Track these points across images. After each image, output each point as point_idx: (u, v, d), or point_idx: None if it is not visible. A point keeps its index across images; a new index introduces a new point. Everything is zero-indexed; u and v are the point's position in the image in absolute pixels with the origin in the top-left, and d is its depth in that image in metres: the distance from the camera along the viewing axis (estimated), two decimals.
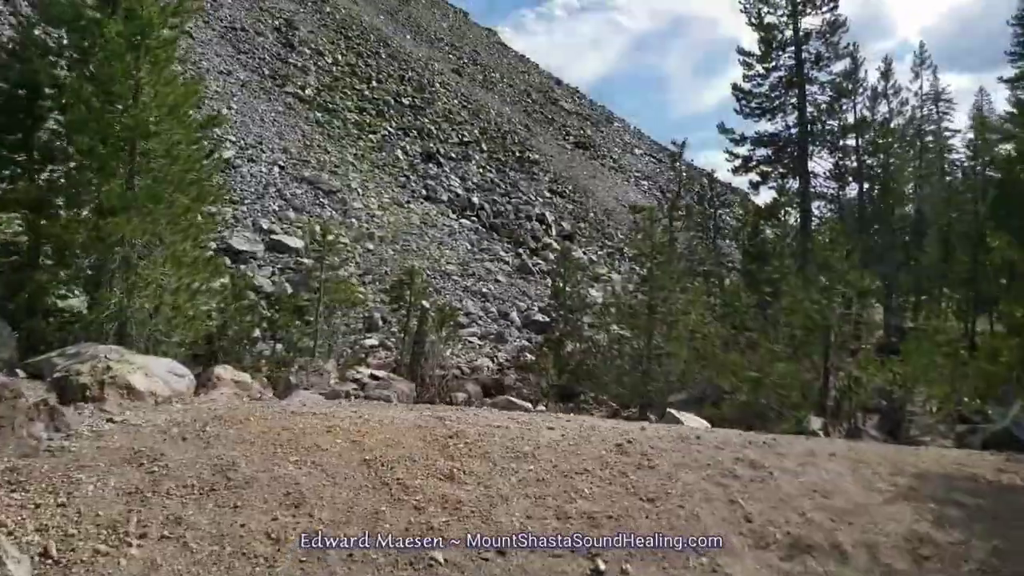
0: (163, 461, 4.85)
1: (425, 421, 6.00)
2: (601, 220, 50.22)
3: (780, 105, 30.70)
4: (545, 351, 20.96)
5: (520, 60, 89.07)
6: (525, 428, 5.99)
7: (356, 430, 5.64)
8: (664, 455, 5.62)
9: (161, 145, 10.59)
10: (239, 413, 5.96)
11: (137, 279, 10.14)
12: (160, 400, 6.57)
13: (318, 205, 33.52)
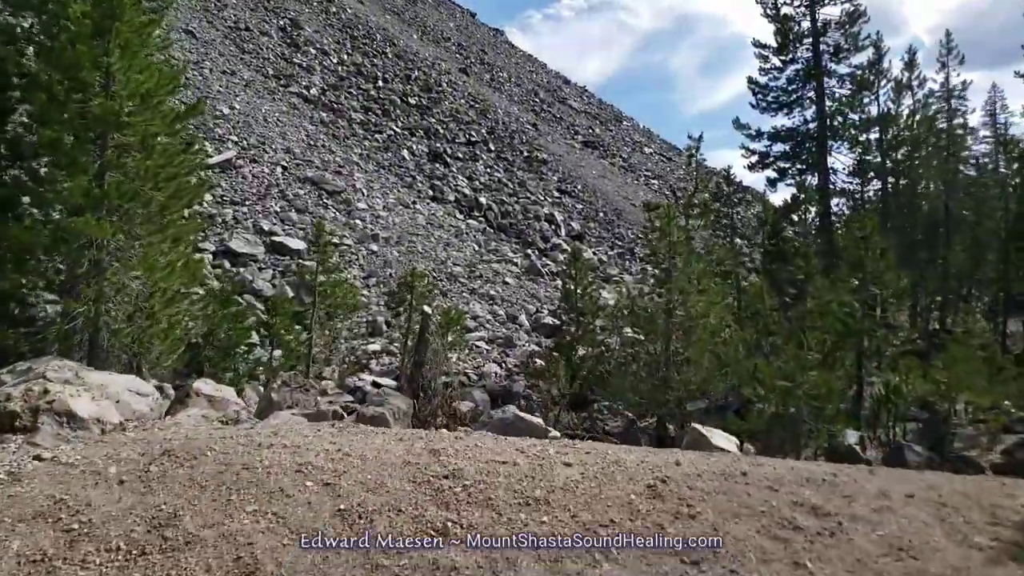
0: (87, 514, 3.91)
1: (416, 455, 5.03)
2: (611, 220, 49.14)
3: (798, 99, 29.60)
4: (555, 356, 19.95)
5: (528, 59, 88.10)
6: (536, 464, 5.01)
7: (332, 469, 4.69)
8: (707, 499, 4.63)
9: (135, 137, 9.65)
10: (197, 445, 5.02)
11: (107, 284, 9.20)
12: (108, 428, 5.64)
13: (321, 206, 32.63)
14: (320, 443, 5.20)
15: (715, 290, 15.41)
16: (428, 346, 11.71)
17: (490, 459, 5.03)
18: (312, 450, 5.01)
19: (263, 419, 7.73)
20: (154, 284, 9.34)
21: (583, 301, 20.57)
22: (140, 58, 9.64)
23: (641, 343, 16.00)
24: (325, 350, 21.20)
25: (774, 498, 4.73)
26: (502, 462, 4.99)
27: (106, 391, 6.41)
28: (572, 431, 16.82)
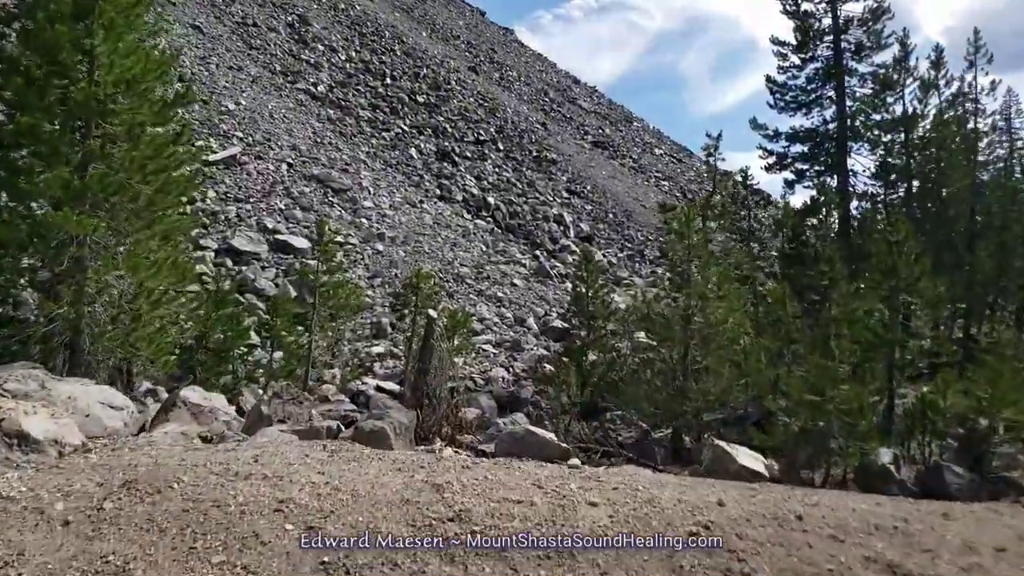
0: (17, 567, 3.22)
1: (417, 490, 4.33)
2: (621, 221, 48.39)
3: (817, 99, 28.73)
4: (566, 362, 19.22)
5: (537, 59, 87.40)
6: (557, 504, 4.29)
7: (318, 507, 4.00)
8: (762, 553, 3.90)
9: (121, 127, 8.98)
10: (163, 474, 4.33)
11: (88, 284, 8.52)
12: (68, 451, 4.96)
13: (327, 204, 32.00)
14: (306, 473, 4.50)
15: (735, 296, 14.65)
16: (433, 352, 10.99)
17: (502, 497, 4.32)
18: (296, 482, 4.31)
19: (251, 434, 7.04)
20: (140, 284, 8.65)
21: (594, 304, 19.82)
22: (127, 41, 8.96)
23: (656, 350, 15.24)
24: (327, 352, 20.54)
25: (841, 551, 4.00)
26: (516, 501, 4.27)
27: (74, 405, 5.73)
28: (583, 441, 16.10)
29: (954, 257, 22.93)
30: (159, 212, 9.04)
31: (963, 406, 11.08)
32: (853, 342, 12.55)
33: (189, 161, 9.95)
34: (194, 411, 8.13)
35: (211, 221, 27.57)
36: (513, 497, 4.34)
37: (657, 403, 14.41)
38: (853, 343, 12.26)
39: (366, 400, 18.65)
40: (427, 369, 11.16)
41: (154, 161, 9.07)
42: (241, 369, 18.39)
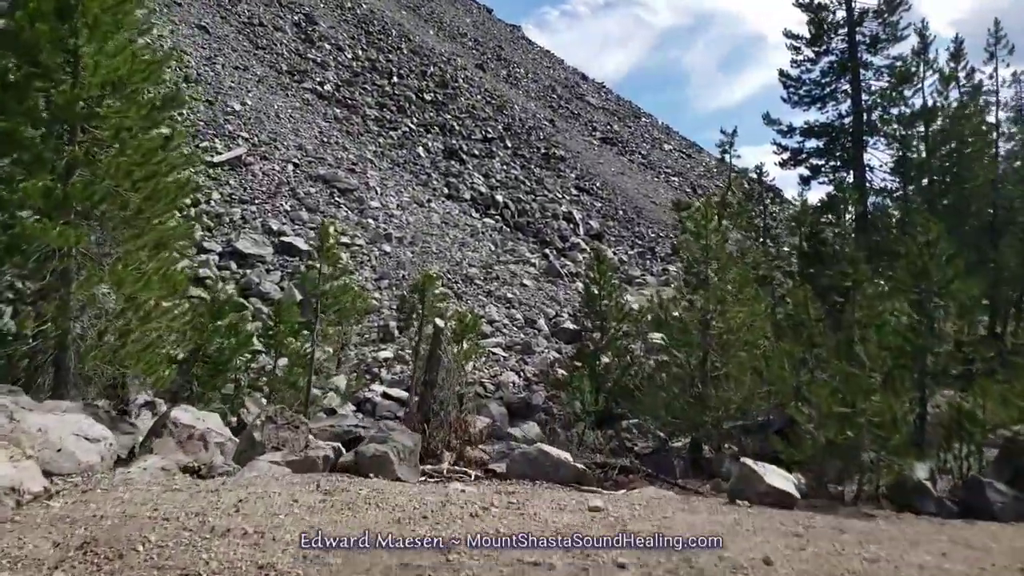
0: None
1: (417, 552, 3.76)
2: (631, 218, 47.70)
3: (832, 92, 28.04)
4: (579, 369, 18.65)
5: (545, 55, 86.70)
6: (580, 568, 3.73)
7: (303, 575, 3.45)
8: None
9: (109, 131, 8.46)
10: (129, 532, 3.81)
11: (73, 298, 8.01)
12: (27, 499, 4.43)
13: (333, 205, 31.51)
14: (293, 527, 3.96)
15: (754, 299, 14.03)
16: (440, 363, 10.44)
17: (516, 559, 3.76)
18: (280, 540, 3.77)
19: (243, 463, 6.51)
20: (128, 298, 8.13)
21: (606, 306, 19.22)
22: (115, 40, 8.43)
23: (672, 355, 14.64)
24: (333, 359, 20.04)
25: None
26: (533, 563, 3.72)
27: (45, 439, 5.22)
28: (599, 450, 15.54)
29: (976, 254, 22.18)
30: (149, 220, 8.52)
31: (1002, 416, 10.45)
32: (881, 348, 11.90)
33: (182, 166, 9.41)
34: (183, 435, 7.61)
35: (215, 223, 27.15)
36: (529, 559, 3.78)
37: (675, 412, 13.83)
38: (881, 349, 11.61)
39: (372, 408, 18.16)
40: (434, 381, 10.62)
41: (143, 167, 8.55)
42: (244, 377, 17.93)
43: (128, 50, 8.14)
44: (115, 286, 7.72)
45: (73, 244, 7.71)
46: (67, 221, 8.19)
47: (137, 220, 8.53)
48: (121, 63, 8.22)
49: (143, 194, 8.32)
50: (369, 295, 24.31)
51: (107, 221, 8.69)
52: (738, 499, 8.69)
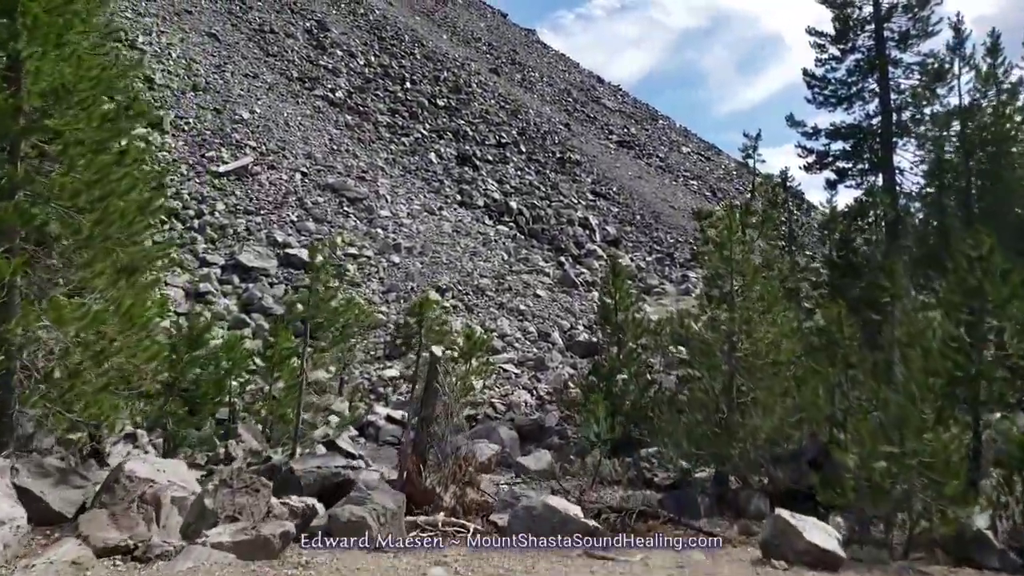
0: None
1: None
2: (649, 223, 46.50)
3: (859, 92, 26.70)
4: (593, 384, 17.55)
5: (560, 59, 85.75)
6: None
7: None
8: None
9: (57, 146, 7.55)
10: None
11: (12, 335, 7.07)
12: None
13: (341, 214, 30.67)
14: None
15: (784, 319, 12.87)
16: (437, 397, 9.41)
17: None
18: None
19: (191, 537, 5.53)
20: (75, 334, 7.18)
21: (623, 321, 18.09)
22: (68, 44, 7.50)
23: (695, 378, 13.51)
24: (336, 378, 19.11)
25: None
26: None
27: None
28: (615, 480, 14.44)
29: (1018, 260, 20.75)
30: (105, 246, 7.58)
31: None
32: (927, 373, 10.69)
33: (143, 184, 8.46)
34: (136, 493, 6.65)
35: (219, 235, 26.40)
36: None
37: (697, 441, 12.69)
38: (927, 374, 10.40)
39: (376, 432, 17.17)
40: (431, 416, 9.60)
41: (97, 186, 7.60)
42: (240, 401, 17.00)
43: (77, 57, 7.20)
44: (55, 323, 6.77)
45: (8, 275, 6.77)
46: (8, 248, 7.28)
47: (89, 245, 7.58)
48: (75, 71, 7.29)
49: (93, 217, 7.36)
50: (375, 309, 23.37)
51: (58, 247, 7.76)
52: (773, 557, 7.59)
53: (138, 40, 39.61)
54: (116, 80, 8.63)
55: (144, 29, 41.68)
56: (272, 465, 9.67)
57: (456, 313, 24.61)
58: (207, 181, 29.45)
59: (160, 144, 30.71)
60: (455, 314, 24.51)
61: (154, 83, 35.61)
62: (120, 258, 9.29)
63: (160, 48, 40.60)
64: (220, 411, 16.45)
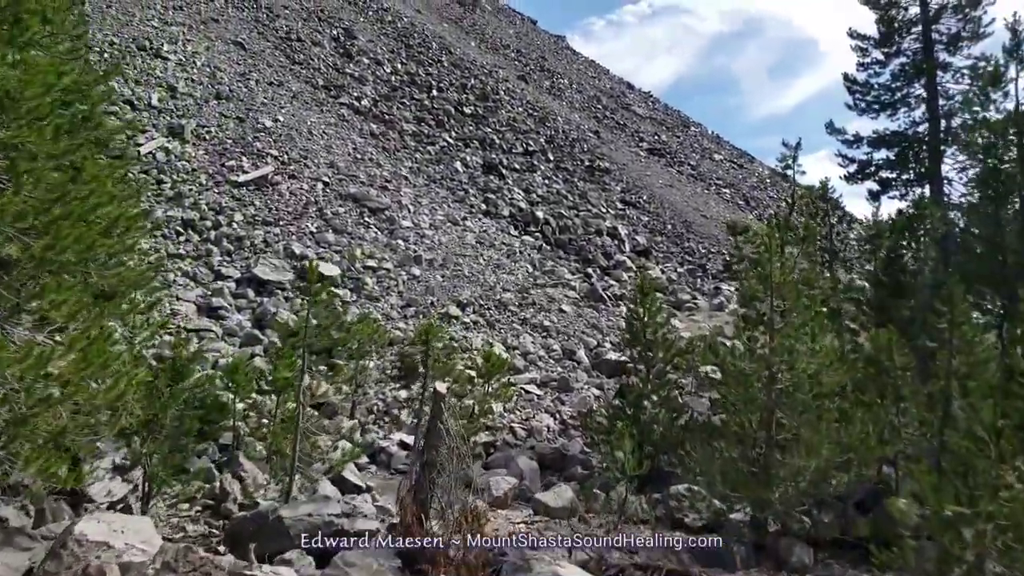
0: None
1: None
2: (680, 233, 45.13)
3: (904, 98, 25.26)
4: (619, 410, 16.40)
5: (590, 65, 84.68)
6: None
7: None
8: None
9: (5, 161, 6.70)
10: None
11: None
12: None
13: (362, 225, 29.89)
14: None
15: (831, 349, 11.63)
16: (441, 438, 8.38)
17: None
18: None
19: None
20: (18, 377, 6.27)
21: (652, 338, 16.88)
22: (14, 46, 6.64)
23: (730, 412, 12.31)
24: (348, 399, 18.22)
25: None
26: None
27: None
28: (642, 519, 13.29)
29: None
30: (55, 275, 6.69)
31: None
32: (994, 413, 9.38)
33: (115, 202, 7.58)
34: (83, 564, 5.70)
35: (236, 247, 25.74)
36: None
37: (734, 482, 11.50)
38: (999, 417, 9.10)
39: (388, 459, 16.22)
40: (433, 461, 8.55)
41: (54, 206, 6.72)
42: (245, 426, 16.16)
43: (20, 60, 6.32)
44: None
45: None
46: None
47: (39, 273, 6.70)
48: (10, 74, 6.40)
49: (43, 243, 6.47)
50: (392, 326, 22.48)
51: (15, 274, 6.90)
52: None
53: (163, 48, 39.44)
54: (87, 87, 7.76)
55: (170, 38, 41.55)
56: (259, 512, 8.73)
57: (477, 329, 23.62)
58: (226, 191, 28.89)
59: (180, 153, 30.27)
60: (476, 330, 23.52)
61: (177, 92, 35.28)
62: (93, 284, 8.43)
63: (185, 57, 40.37)
64: (224, 435, 15.69)
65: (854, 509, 12.28)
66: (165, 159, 29.14)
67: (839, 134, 25.96)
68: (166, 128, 31.24)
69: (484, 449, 16.72)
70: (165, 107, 33.31)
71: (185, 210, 26.47)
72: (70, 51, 8.39)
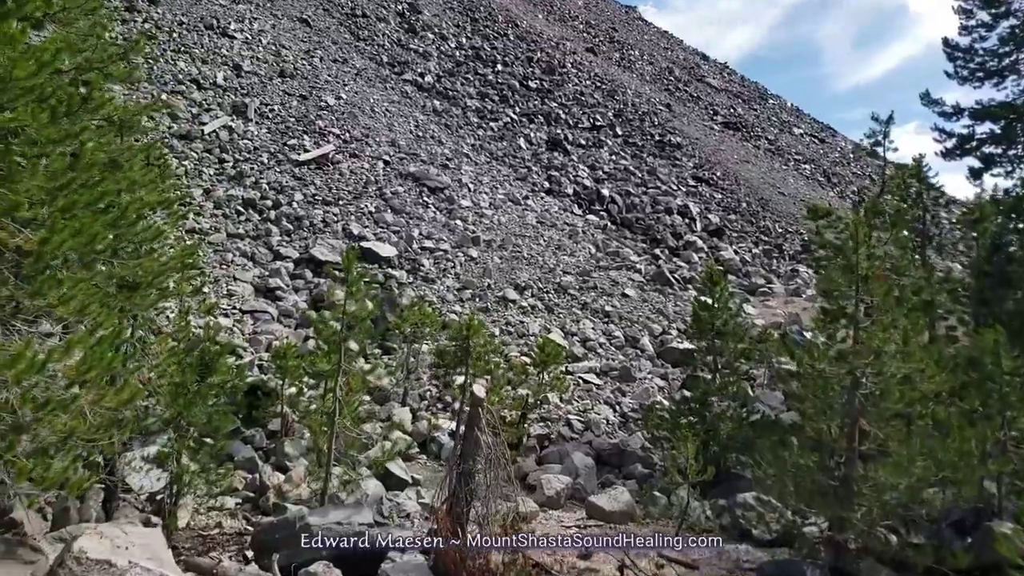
0: None
1: None
2: (755, 211, 43.06)
3: (1012, 64, 22.87)
4: (684, 404, 15.33)
5: (662, 36, 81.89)
6: None
7: None
8: None
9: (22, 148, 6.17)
10: None
11: None
12: None
13: (421, 205, 29.31)
14: None
15: (926, 349, 10.26)
16: (479, 448, 7.58)
17: None
18: None
19: None
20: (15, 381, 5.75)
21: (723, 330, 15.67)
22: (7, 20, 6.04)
23: (806, 417, 11.10)
24: (400, 385, 17.70)
25: None
26: None
27: None
28: (705, 529, 12.28)
29: None
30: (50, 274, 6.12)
31: None
32: None
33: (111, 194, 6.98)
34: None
35: (295, 227, 25.52)
36: None
37: (810, 496, 10.34)
38: None
39: (438, 450, 15.59)
40: (471, 471, 7.77)
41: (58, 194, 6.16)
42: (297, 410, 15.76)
43: (10, 32, 5.70)
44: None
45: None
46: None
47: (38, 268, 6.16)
48: (29, 61, 5.80)
49: (38, 237, 5.90)
50: (448, 309, 21.84)
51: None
52: None
53: (230, 27, 39.58)
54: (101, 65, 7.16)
55: (237, 16, 41.67)
56: (285, 520, 8.15)
57: (535, 314, 22.75)
58: (287, 170, 28.72)
59: (243, 132, 30.26)
60: (533, 315, 22.65)
61: (242, 70, 35.33)
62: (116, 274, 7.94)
63: (251, 35, 40.45)
64: (272, 422, 15.34)
65: (950, 531, 10.94)
66: (228, 138, 29.14)
67: (936, 105, 23.77)
68: (230, 107, 31.24)
69: (538, 442, 15.94)
70: (230, 85, 33.36)
71: (246, 189, 26.38)
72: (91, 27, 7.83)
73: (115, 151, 7.51)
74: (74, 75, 6.86)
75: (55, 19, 7.38)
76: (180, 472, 8.36)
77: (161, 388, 8.14)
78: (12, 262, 6.34)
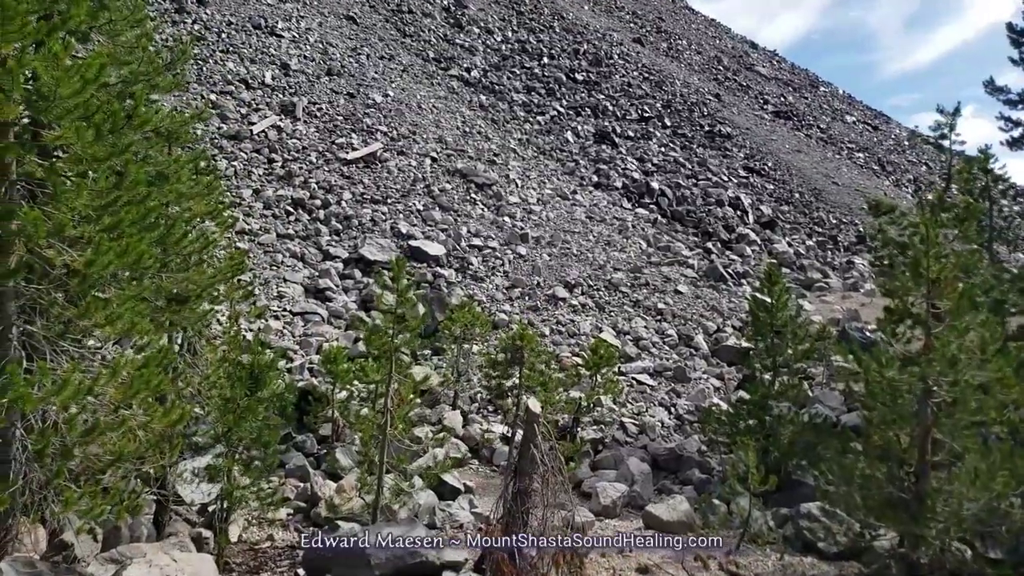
0: None
1: None
2: (808, 202, 41.84)
3: None
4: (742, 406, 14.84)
5: (710, 25, 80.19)
6: None
7: None
8: None
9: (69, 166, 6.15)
10: None
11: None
12: None
13: (468, 202, 29.17)
14: None
15: (1005, 358, 9.63)
16: (535, 465, 7.34)
17: None
18: None
19: None
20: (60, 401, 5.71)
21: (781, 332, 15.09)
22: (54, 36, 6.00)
23: (875, 426, 10.57)
24: (450, 387, 17.57)
25: None
26: None
27: None
28: (768, 541, 11.83)
29: None
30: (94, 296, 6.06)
31: None
32: None
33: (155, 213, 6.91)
34: None
35: (344, 226, 25.63)
36: None
37: (880, 509, 9.84)
38: None
39: (490, 454, 15.43)
40: (527, 489, 7.55)
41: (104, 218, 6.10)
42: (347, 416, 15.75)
43: (54, 49, 5.63)
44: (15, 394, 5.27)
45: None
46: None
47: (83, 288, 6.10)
48: (77, 78, 5.73)
49: (85, 257, 5.84)
50: (497, 308, 21.65)
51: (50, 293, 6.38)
52: None
53: (278, 26, 39.99)
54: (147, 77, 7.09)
55: (284, 15, 42.09)
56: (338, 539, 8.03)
57: (585, 312, 22.41)
58: (335, 169, 28.87)
59: (292, 131, 30.52)
60: (584, 313, 22.31)
61: (290, 69, 35.66)
62: (165, 287, 7.89)
63: (299, 33, 40.81)
64: (323, 427, 15.34)
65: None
66: (276, 137, 29.42)
67: (1001, 93, 22.53)
68: (278, 106, 31.55)
69: (592, 447, 15.63)
70: (278, 84, 33.69)
71: (295, 189, 26.59)
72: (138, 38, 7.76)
73: (162, 163, 7.44)
74: (121, 88, 6.78)
75: (101, 31, 7.32)
76: (231, 488, 8.32)
77: (211, 399, 8.08)
78: (59, 281, 6.30)
